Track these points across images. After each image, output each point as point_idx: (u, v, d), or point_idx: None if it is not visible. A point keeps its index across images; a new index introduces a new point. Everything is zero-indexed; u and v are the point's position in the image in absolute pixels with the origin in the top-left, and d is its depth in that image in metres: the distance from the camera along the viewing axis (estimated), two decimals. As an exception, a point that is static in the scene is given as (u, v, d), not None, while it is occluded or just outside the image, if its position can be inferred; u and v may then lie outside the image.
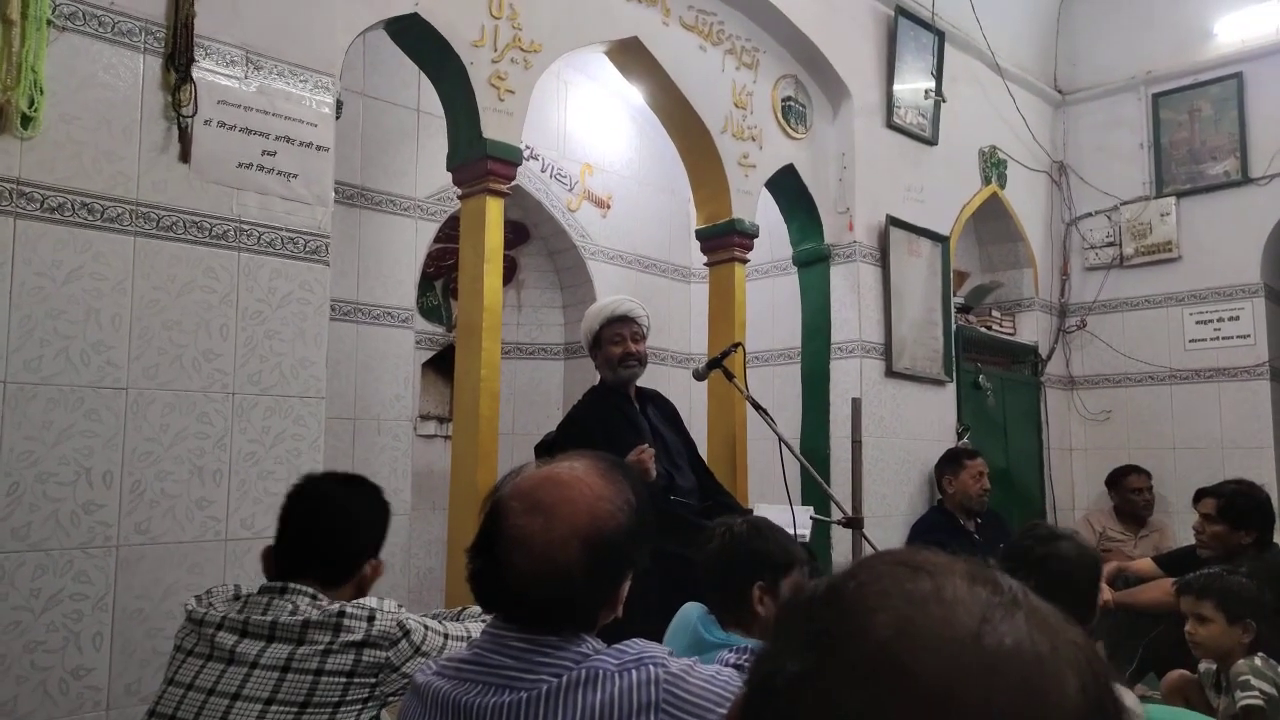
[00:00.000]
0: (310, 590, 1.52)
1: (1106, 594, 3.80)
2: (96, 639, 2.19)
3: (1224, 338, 5.09)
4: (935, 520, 4.26)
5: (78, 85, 2.25)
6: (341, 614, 1.46)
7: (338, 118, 2.79)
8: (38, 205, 2.17)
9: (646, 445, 2.78)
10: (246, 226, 2.51)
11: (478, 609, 1.76)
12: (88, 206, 2.25)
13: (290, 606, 1.48)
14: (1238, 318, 5.04)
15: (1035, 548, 1.69)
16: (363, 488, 1.71)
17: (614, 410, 2.98)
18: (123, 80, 2.33)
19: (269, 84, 2.57)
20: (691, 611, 1.89)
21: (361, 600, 1.51)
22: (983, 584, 0.50)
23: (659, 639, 1.69)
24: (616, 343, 2.98)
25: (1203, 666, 2.41)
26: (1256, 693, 2.16)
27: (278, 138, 2.58)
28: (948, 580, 0.49)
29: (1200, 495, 3.29)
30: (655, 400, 3.16)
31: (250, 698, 1.40)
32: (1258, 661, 2.24)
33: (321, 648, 1.42)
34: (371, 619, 1.47)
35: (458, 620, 1.70)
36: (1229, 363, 5.06)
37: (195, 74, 2.42)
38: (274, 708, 1.39)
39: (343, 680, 1.42)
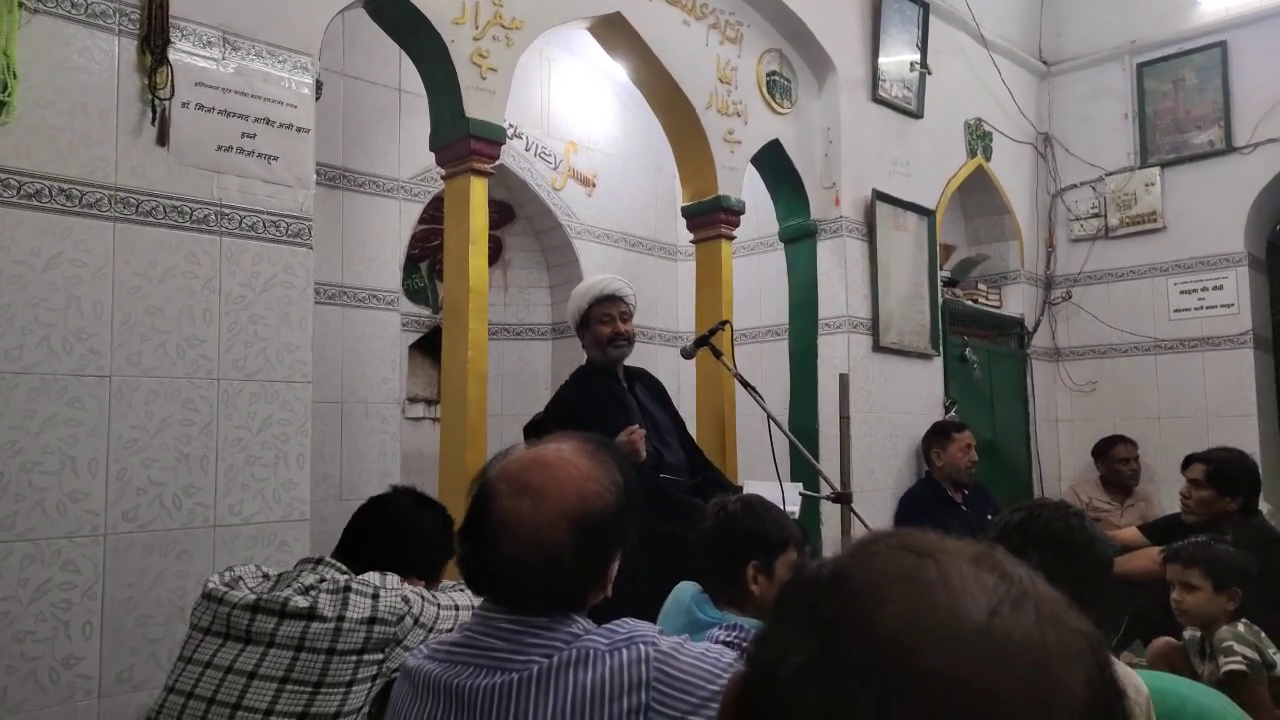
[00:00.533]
0: (342, 565, 1.55)
1: (1093, 563, 3.83)
2: (86, 628, 2.19)
3: (1208, 307, 5.11)
4: (924, 492, 4.29)
5: (51, 69, 2.22)
6: (348, 589, 1.47)
7: (318, 98, 2.76)
8: (15, 192, 2.15)
9: (636, 425, 2.78)
10: (227, 210, 2.48)
11: (449, 581, 1.79)
12: (65, 192, 2.22)
13: (317, 576, 1.51)
14: (1221, 287, 5.07)
15: (1076, 531, 1.61)
16: (435, 511, 1.83)
17: (602, 389, 2.98)
18: (97, 63, 2.30)
19: (247, 65, 2.54)
20: (686, 590, 1.89)
21: (365, 576, 1.53)
22: (990, 570, 0.49)
23: (651, 618, 1.70)
24: (605, 322, 2.98)
25: (1187, 634, 2.44)
26: (1239, 658, 2.19)
27: (257, 119, 2.54)
28: (954, 567, 0.49)
29: (1189, 461, 3.32)
30: (643, 379, 3.16)
31: (266, 677, 1.41)
32: (1240, 628, 2.27)
33: (332, 626, 1.43)
34: (377, 596, 1.49)
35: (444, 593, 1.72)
36: (1213, 332, 5.09)
37: (171, 56, 2.39)
38: (289, 687, 1.40)
39: (353, 658, 1.44)
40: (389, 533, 1.72)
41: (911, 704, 0.43)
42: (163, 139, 2.38)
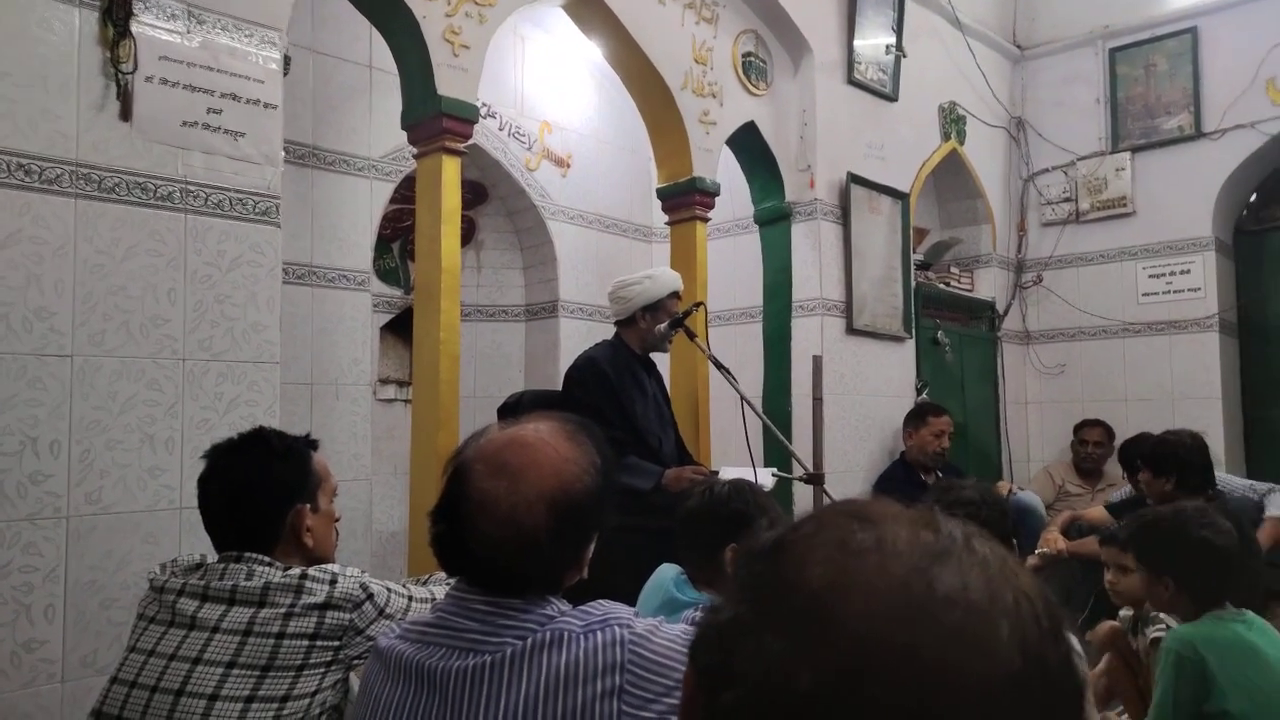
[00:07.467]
0: (266, 558, 1.50)
1: (1060, 543, 3.89)
2: (48, 611, 2.15)
3: (1175, 291, 5.17)
4: (896, 473, 4.33)
5: (8, 39, 2.15)
6: (304, 577, 1.44)
7: (285, 74, 2.70)
8: (-30, 166, 2.08)
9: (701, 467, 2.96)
10: (193, 187, 2.43)
11: (443, 574, 1.75)
12: (24, 168, 2.16)
13: (246, 570, 1.46)
14: (1189, 271, 5.13)
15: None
16: (255, 448, 1.59)
17: (628, 367, 3.07)
18: (57, 34, 2.23)
19: (212, 39, 2.48)
20: (668, 572, 1.90)
21: (324, 565, 1.50)
22: (926, 529, 0.49)
23: (628, 599, 1.70)
24: (674, 312, 3.09)
25: (1123, 614, 2.47)
26: (1165, 626, 2.22)
27: (223, 95, 2.49)
28: (890, 530, 0.48)
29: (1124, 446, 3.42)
30: (654, 370, 3.22)
31: (211, 662, 1.38)
32: None
33: (283, 611, 1.41)
34: (334, 582, 1.45)
35: (422, 585, 1.69)
36: (1180, 315, 5.15)
37: (134, 28, 2.32)
38: (235, 671, 1.37)
39: (305, 643, 1.40)
40: (229, 495, 1.54)
41: (826, 655, 0.43)
42: (126, 114, 2.32)
